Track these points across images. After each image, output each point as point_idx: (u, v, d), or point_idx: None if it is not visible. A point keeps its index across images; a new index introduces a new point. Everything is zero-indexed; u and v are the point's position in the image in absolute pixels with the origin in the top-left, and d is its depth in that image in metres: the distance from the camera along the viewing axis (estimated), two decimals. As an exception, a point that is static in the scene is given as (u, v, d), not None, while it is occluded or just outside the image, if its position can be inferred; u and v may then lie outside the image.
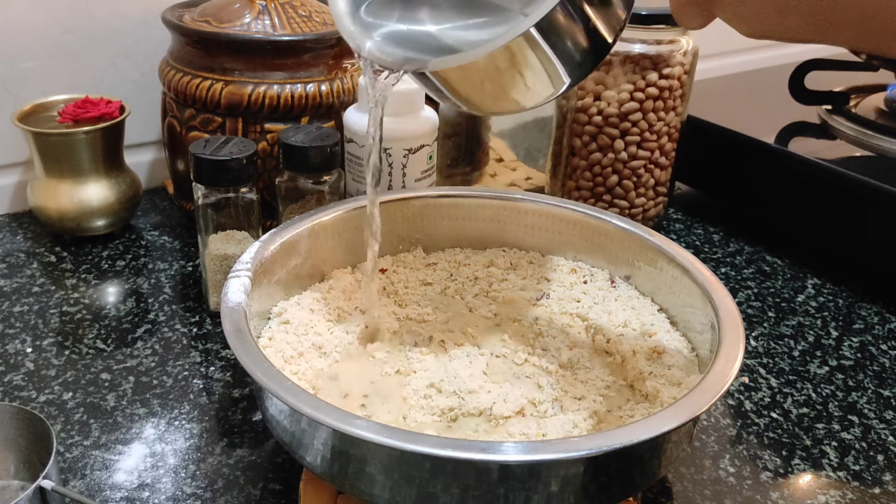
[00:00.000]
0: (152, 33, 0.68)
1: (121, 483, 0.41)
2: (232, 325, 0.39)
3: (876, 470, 0.45)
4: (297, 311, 0.47)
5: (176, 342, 0.53)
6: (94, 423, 0.45)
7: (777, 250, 0.67)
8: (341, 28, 0.41)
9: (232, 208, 0.52)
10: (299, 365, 0.43)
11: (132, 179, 0.64)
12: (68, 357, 0.51)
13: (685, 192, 0.76)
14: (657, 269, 0.49)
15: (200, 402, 0.47)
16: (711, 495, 0.43)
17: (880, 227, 0.60)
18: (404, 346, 0.46)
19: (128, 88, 0.69)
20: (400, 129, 0.55)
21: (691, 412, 0.35)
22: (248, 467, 0.43)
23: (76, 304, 0.56)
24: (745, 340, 0.40)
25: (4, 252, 0.62)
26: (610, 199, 0.65)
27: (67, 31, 0.66)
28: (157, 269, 0.61)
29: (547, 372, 0.45)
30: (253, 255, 0.45)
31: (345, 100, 0.60)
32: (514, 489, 0.34)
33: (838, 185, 0.62)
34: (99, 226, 0.63)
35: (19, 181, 0.68)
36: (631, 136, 0.63)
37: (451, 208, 0.54)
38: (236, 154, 0.51)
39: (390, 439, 0.33)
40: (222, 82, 0.58)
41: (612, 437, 0.33)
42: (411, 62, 0.38)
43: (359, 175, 0.57)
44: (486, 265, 0.54)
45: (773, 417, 0.49)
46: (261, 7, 0.59)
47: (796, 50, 0.91)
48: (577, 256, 0.54)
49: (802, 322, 0.58)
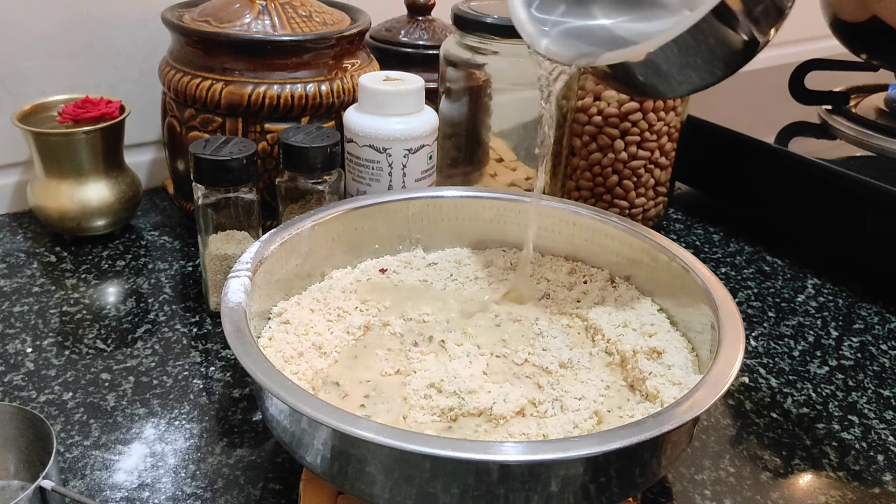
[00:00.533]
0: (152, 33, 0.68)
1: (121, 483, 0.41)
2: (232, 325, 0.39)
3: (876, 470, 0.45)
4: (297, 311, 0.47)
5: (176, 342, 0.53)
6: (94, 423, 0.45)
7: (777, 250, 0.67)
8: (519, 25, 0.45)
9: (232, 208, 0.52)
10: (299, 365, 0.43)
11: (132, 179, 0.64)
12: (68, 357, 0.51)
13: (685, 192, 0.76)
14: (657, 270, 0.49)
15: (200, 402, 0.47)
16: (711, 495, 0.43)
17: (880, 227, 0.60)
18: (404, 346, 0.46)
19: (128, 88, 0.69)
20: (400, 129, 0.55)
21: (691, 412, 0.35)
22: (248, 467, 0.43)
23: (76, 304, 0.56)
24: (745, 340, 0.40)
25: (4, 252, 0.62)
26: (610, 199, 0.65)
27: (67, 31, 0.66)
28: (157, 269, 0.61)
29: (547, 372, 0.45)
30: (253, 255, 0.45)
31: (345, 100, 0.60)
32: (514, 489, 0.34)
33: (838, 185, 0.62)
34: (99, 226, 0.63)
35: (19, 181, 0.68)
36: (631, 136, 0.63)
37: (451, 208, 0.54)
38: (236, 154, 0.51)
39: (390, 439, 0.33)
40: (222, 82, 0.58)
41: (612, 437, 0.33)
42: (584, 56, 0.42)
43: (359, 175, 0.57)
44: (486, 265, 0.54)
45: (773, 417, 0.49)
46: (261, 7, 0.59)
47: (796, 50, 0.90)
48: (577, 256, 0.54)
49: (802, 322, 0.58)
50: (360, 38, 0.62)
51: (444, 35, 0.69)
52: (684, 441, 0.39)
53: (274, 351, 0.43)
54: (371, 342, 0.47)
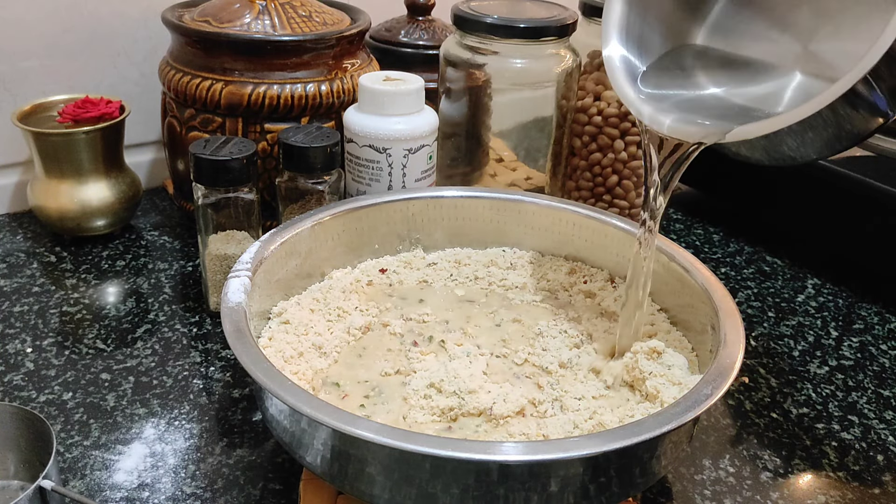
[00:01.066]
0: (152, 33, 0.68)
1: (121, 483, 0.41)
2: (232, 325, 0.39)
3: (876, 470, 0.45)
4: (297, 311, 0.47)
5: (176, 342, 0.53)
6: (94, 423, 0.45)
7: (777, 250, 0.67)
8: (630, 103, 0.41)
9: (232, 208, 0.52)
10: (299, 365, 0.43)
11: (132, 179, 0.64)
12: (68, 357, 0.51)
13: (685, 192, 0.76)
14: (657, 269, 0.49)
15: (200, 402, 0.47)
16: (711, 495, 0.43)
17: (880, 227, 0.60)
18: (404, 346, 0.46)
19: (128, 88, 0.69)
20: (400, 129, 0.55)
21: (691, 412, 0.35)
22: (248, 467, 0.43)
23: (76, 304, 0.56)
24: (745, 340, 0.40)
25: (4, 252, 0.62)
26: (610, 199, 0.65)
27: (67, 31, 0.66)
28: (157, 269, 0.61)
29: (547, 372, 0.45)
30: (253, 255, 0.45)
31: (345, 100, 0.60)
32: (514, 489, 0.34)
33: (838, 185, 0.62)
34: (99, 226, 0.63)
35: (19, 181, 0.68)
36: (631, 136, 0.63)
37: (451, 208, 0.54)
38: (236, 154, 0.51)
39: (390, 439, 0.33)
40: (222, 82, 0.58)
41: (612, 437, 0.33)
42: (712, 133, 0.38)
43: (359, 175, 0.57)
44: (486, 265, 0.54)
45: (773, 417, 0.49)
46: (261, 7, 0.59)
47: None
48: (577, 256, 0.54)
49: (802, 322, 0.58)
50: (360, 38, 0.62)
51: (444, 35, 0.69)
52: (684, 441, 0.39)
53: (274, 351, 0.43)
54: (371, 342, 0.47)
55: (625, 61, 0.42)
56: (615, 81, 0.42)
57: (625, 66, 0.42)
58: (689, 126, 0.39)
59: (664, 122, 0.40)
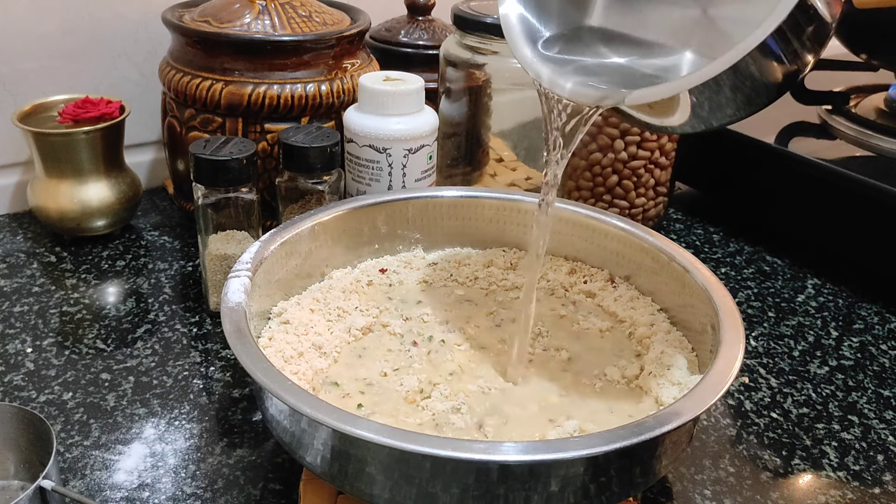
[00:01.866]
0: (152, 33, 0.68)
1: (121, 483, 0.41)
2: (232, 325, 0.39)
3: (876, 470, 0.45)
4: (297, 311, 0.47)
5: (176, 342, 0.53)
6: (94, 423, 0.45)
7: (777, 250, 0.67)
8: (527, 64, 0.40)
9: (232, 208, 0.52)
10: (299, 365, 0.43)
11: (132, 179, 0.64)
12: (68, 357, 0.51)
13: (685, 192, 0.76)
14: (657, 269, 0.49)
15: (200, 402, 0.47)
16: (711, 495, 0.43)
17: (880, 227, 0.60)
18: (404, 346, 0.46)
19: (128, 88, 0.69)
20: (400, 129, 0.55)
21: (691, 412, 0.35)
22: (248, 467, 0.43)
23: (76, 304, 0.56)
24: (745, 340, 0.40)
25: (4, 252, 0.62)
26: (610, 199, 0.65)
27: (68, 32, 0.66)
28: (157, 269, 0.61)
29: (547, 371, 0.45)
30: (253, 255, 0.45)
31: (345, 100, 0.60)
32: (514, 489, 0.34)
33: (838, 185, 0.62)
34: (99, 226, 0.63)
35: (19, 181, 0.68)
36: (631, 136, 0.63)
37: (451, 208, 0.54)
38: (236, 154, 0.51)
39: (390, 439, 0.33)
40: (222, 82, 0.58)
41: (612, 437, 0.33)
42: (611, 96, 0.37)
43: (359, 175, 0.57)
44: (486, 265, 0.54)
45: (773, 417, 0.49)
46: (261, 7, 0.59)
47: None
48: (577, 256, 0.54)
49: (802, 322, 0.58)
50: (360, 38, 0.62)
51: (444, 35, 0.69)
52: (684, 441, 0.39)
53: (274, 351, 0.43)
54: (371, 342, 0.47)
55: (523, 21, 0.41)
56: (511, 40, 0.40)
57: (523, 27, 0.41)
58: (588, 89, 0.38)
59: (565, 86, 0.38)
